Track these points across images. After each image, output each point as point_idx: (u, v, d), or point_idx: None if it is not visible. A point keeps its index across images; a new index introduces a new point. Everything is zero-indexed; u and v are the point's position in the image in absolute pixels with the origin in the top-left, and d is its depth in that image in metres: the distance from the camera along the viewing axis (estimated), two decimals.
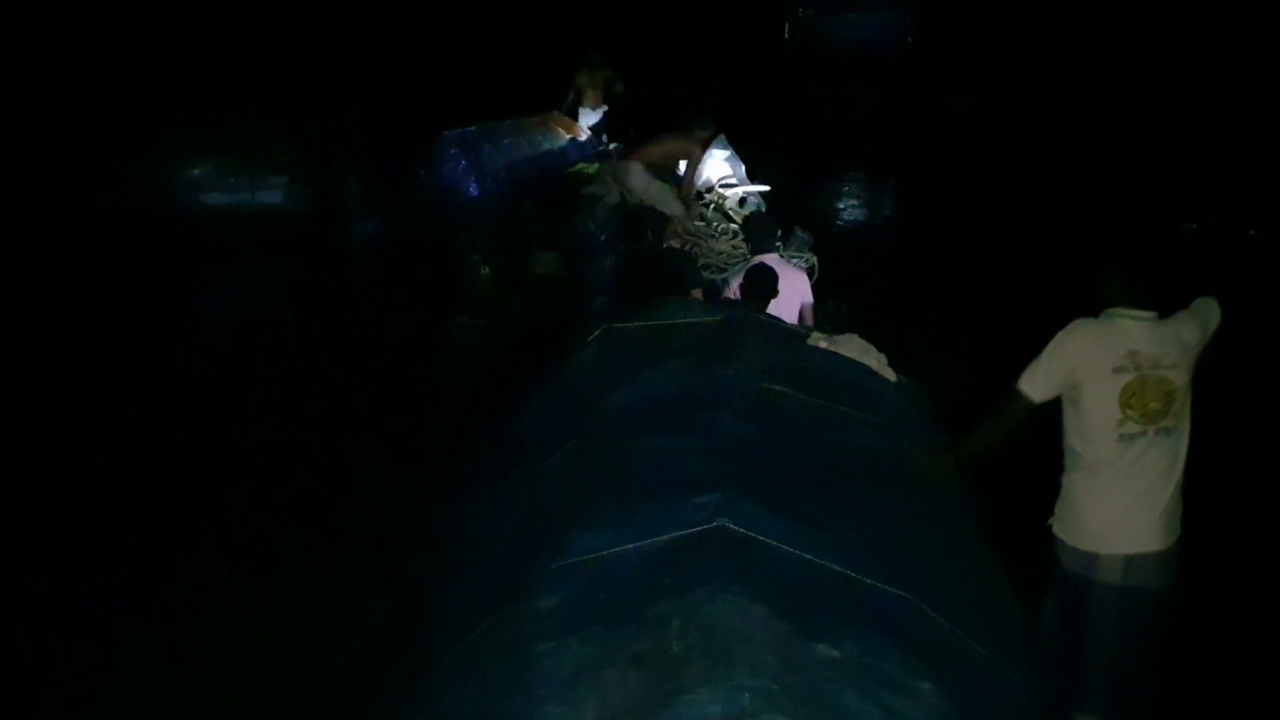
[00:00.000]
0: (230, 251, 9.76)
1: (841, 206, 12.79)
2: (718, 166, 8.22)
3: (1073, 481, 3.64)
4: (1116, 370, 3.50)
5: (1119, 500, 3.53)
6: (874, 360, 4.11)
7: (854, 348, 4.11)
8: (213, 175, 10.66)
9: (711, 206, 7.89)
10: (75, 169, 10.44)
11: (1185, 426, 3.57)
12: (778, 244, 6.52)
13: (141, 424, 6.36)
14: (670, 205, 7.96)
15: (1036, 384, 3.60)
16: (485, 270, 9.27)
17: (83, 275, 8.72)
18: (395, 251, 10.13)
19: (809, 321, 5.49)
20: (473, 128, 10.99)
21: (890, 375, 4.11)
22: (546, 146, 11.43)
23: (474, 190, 10.56)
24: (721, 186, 8.09)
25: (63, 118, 10.83)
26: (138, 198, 10.23)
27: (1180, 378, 3.54)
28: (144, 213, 9.97)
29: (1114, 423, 3.50)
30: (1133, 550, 3.52)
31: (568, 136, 11.70)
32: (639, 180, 8.19)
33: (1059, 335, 3.61)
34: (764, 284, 5.15)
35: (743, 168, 8.45)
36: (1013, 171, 12.08)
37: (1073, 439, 3.62)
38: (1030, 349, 3.66)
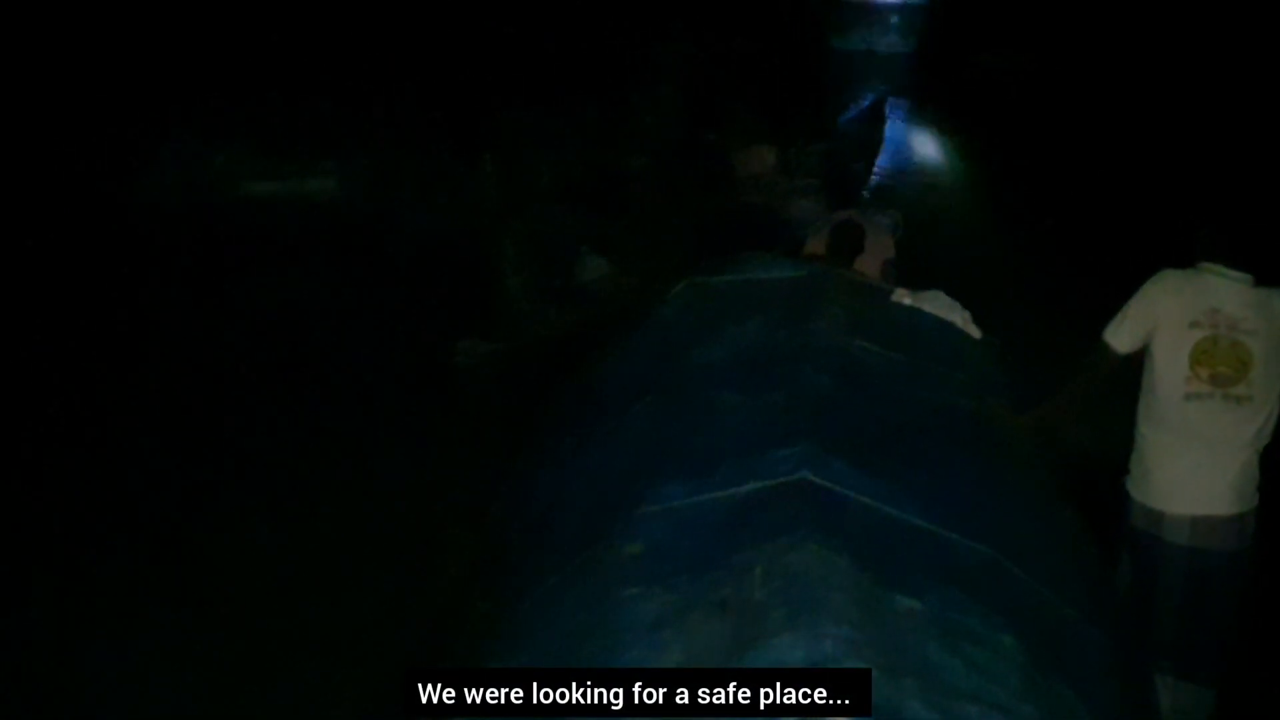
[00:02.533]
0: (270, 248, 8.87)
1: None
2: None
3: (1142, 436, 3.57)
4: (1192, 325, 3.40)
5: (1184, 460, 3.44)
6: (959, 317, 4.08)
7: (939, 304, 4.08)
8: (259, 162, 9.97)
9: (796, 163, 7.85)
10: (109, 164, 9.78)
11: (1266, 401, 3.42)
12: (861, 201, 6.47)
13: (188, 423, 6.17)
14: (757, 163, 7.92)
15: (1121, 334, 3.54)
16: (514, 279, 8.05)
17: (120, 274, 8.16)
18: (434, 251, 8.82)
19: (893, 278, 5.45)
20: None
21: (975, 332, 4.08)
22: None
23: None
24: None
25: (94, 109, 10.13)
26: (177, 190, 9.64)
27: (1260, 346, 3.38)
28: (185, 206, 9.41)
29: (1182, 379, 3.41)
30: (1198, 512, 3.43)
31: None
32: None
33: (1145, 284, 3.54)
34: (849, 240, 5.12)
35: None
36: (1079, 129, 11.39)
37: (1145, 392, 3.55)
38: (1116, 305, 3.60)
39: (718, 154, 9.49)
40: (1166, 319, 3.46)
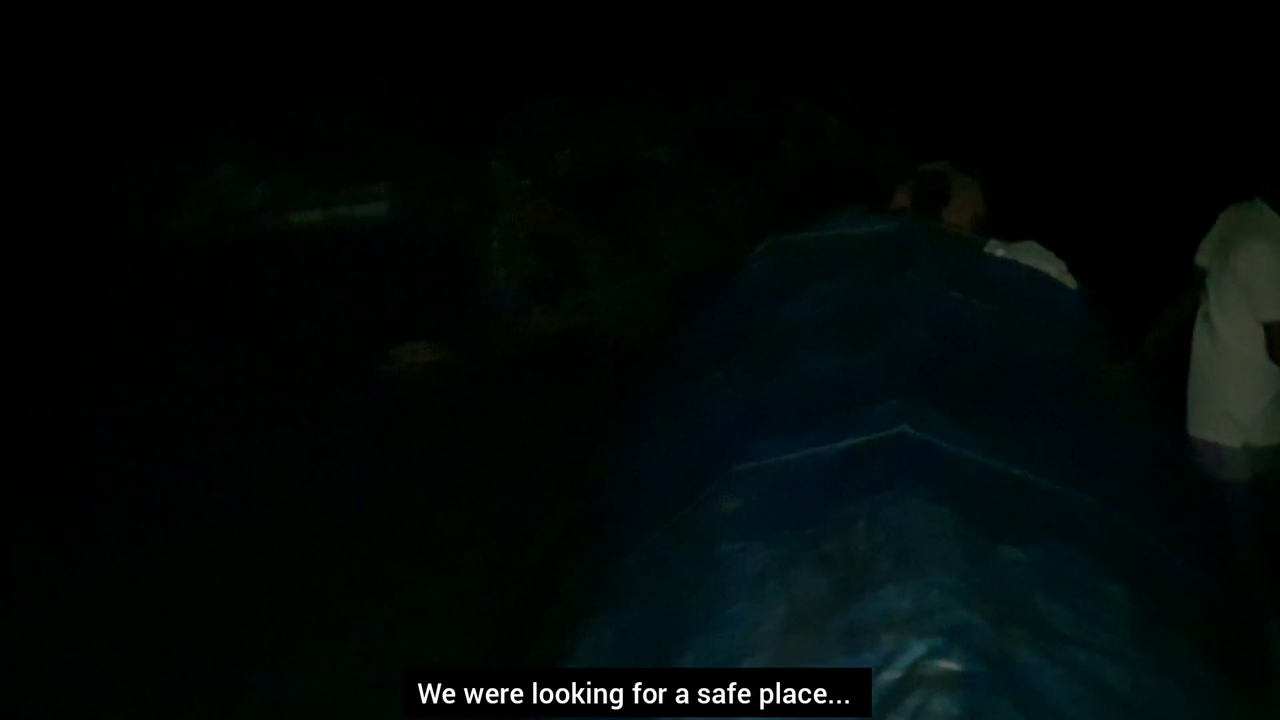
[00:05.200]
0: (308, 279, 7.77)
1: None
2: None
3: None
4: None
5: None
6: (1053, 267, 4.01)
7: (1032, 255, 4.01)
8: (299, 188, 8.79)
9: None
10: (141, 197, 8.86)
11: None
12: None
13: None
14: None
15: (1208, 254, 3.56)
16: (499, 273, 7.29)
17: (147, 316, 7.32)
18: (435, 259, 7.89)
19: (983, 230, 5.35)
20: None
21: (1070, 282, 4.01)
22: None
23: None
24: None
25: (121, 139, 9.14)
26: (215, 223, 8.55)
27: None
28: (223, 239, 8.35)
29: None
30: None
31: None
32: None
33: (1220, 215, 3.66)
34: (934, 191, 5.04)
35: None
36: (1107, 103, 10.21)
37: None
38: None
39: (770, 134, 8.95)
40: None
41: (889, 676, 2.00)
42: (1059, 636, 2.12)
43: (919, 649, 2.03)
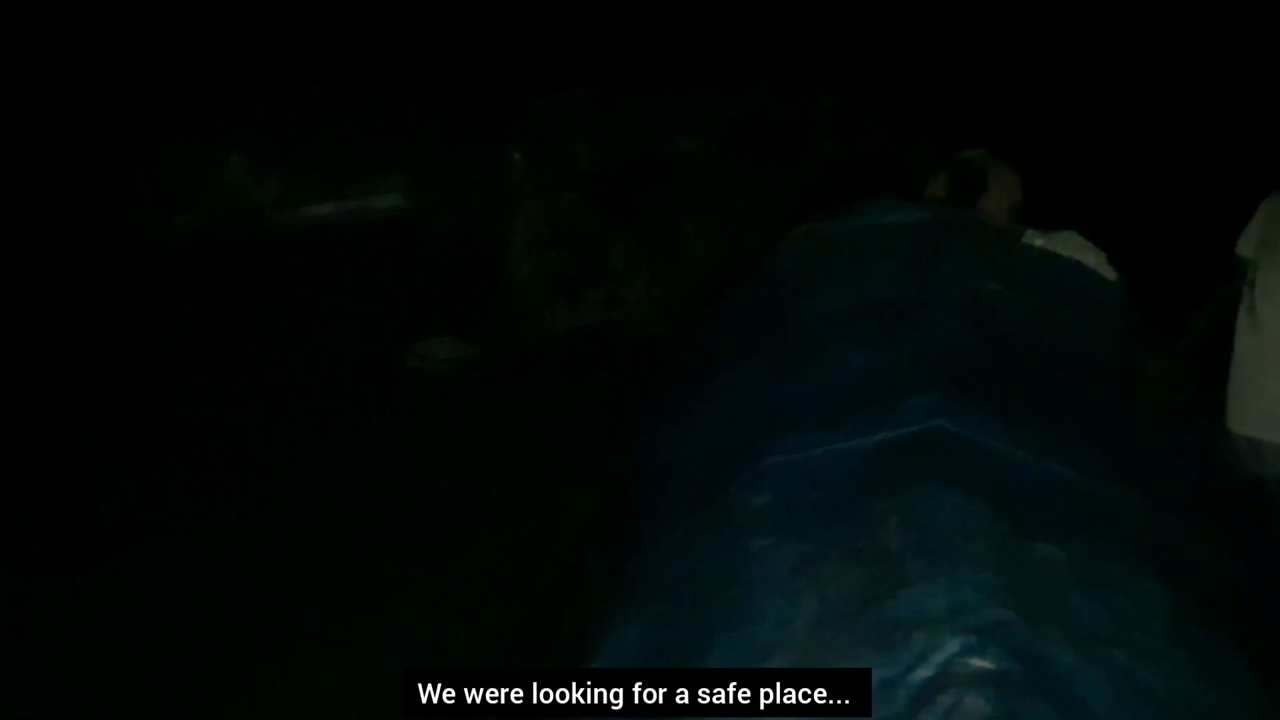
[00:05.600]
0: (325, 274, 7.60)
1: None
2: None
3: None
4: None
5: None
6: (1093, 258, 3.93)
7: (1072, 245, 3.94)
8: (314, 182, 8.57)
9: None
10: (149, 192, 8.62)
11: None
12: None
13: None
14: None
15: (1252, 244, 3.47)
16: (523, 268, 7.17)
17: (163, 312, 7.24)
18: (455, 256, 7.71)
19: (1020, 220, 5.27)
20: None
21: (1110, 274, 3.93)
22: None
23: None
24: None
25: (125, 134, 8.86)
26: (228, 218, 8.35)
27: None
28: (231, 236, 8.16)
29: None
30: None
31: None
32: None
33: (1263, 202, 3.55)
34: (969, 180, 4.96)
35: None
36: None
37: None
38: None
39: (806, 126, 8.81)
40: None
41: (921, 674, 1.97)
42: (1095, 635, 2.08)
43: (952, 647, 1.99)
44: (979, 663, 1.96)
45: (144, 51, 9.20)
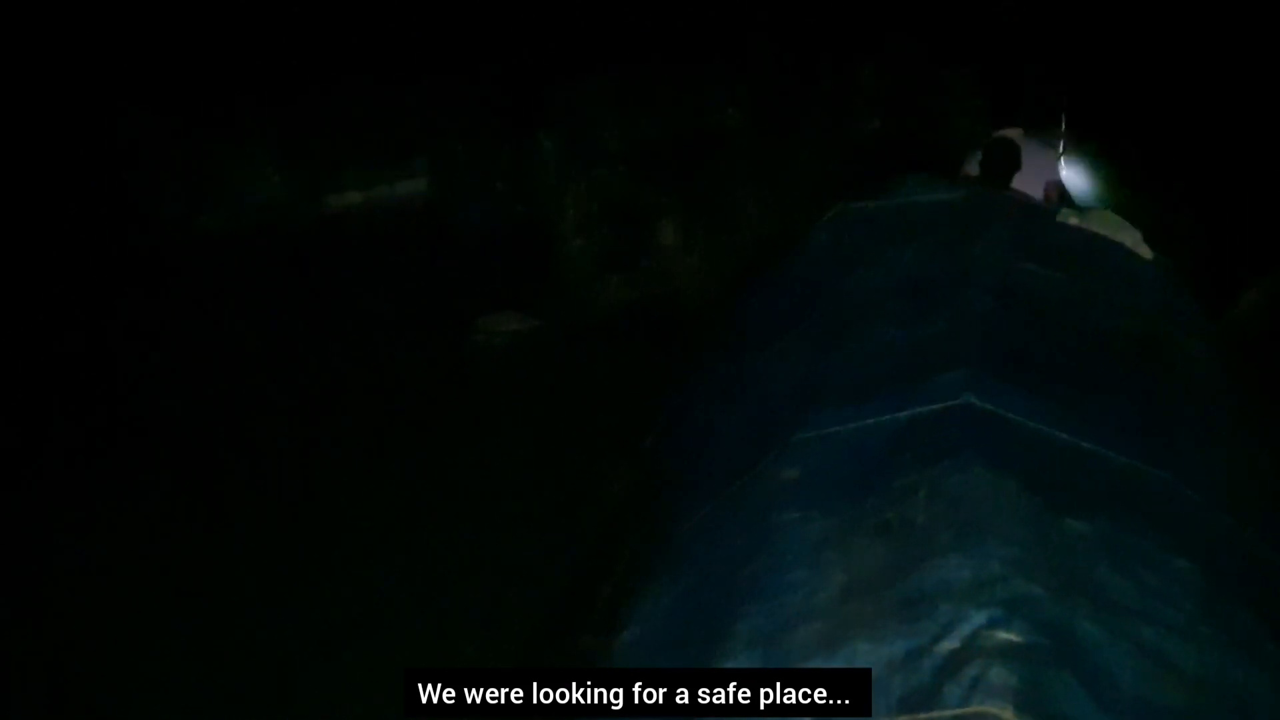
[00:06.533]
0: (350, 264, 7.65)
1: None
2: None
3: None
4: None
5: None
6: (1128, 237, 3.90)
7: (1107, 224, 3.91)
8: (344, 170, 8.52)
9: None
10: (174, 192, 8.48)
11: None
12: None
13: None
14: None
15: None
16: (575, 244, 7.21)
17: (213, 307, 7.17)
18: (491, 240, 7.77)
19: (1057, 199, 5.23)
20: None
21: (1146, 253, 3.90)
22: None
23: None
24: None
25: (146, 133, 8.69)
26: (251, 213, 8.28)
27: None
28: (260, 229, 8.09)
29: None
30: None
31: None
32: None
33: None
34: (1005, 158, 4.93)
35: None
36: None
37: None
38: None
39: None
40: None
41: (947, 646, 1.99)
42: (1123, 610, 2.09)
43: (978, 619, 2.01)
44: (1005, 635, 1.98)
45: (162, 49, 9.07)
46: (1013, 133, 5.37)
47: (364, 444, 5.51)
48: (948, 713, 1.89)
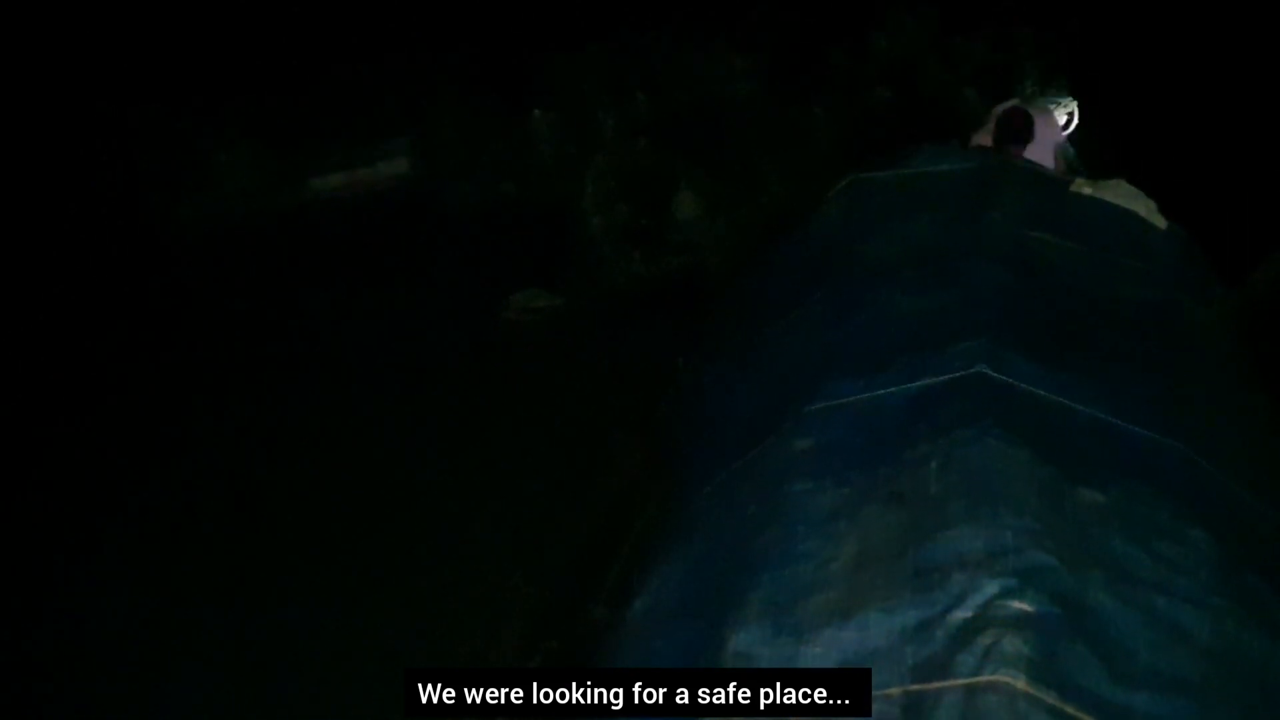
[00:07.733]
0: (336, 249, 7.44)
1: None
2: None
3: None
4: None
5: None
6: (1143, 207, 3.87)
7: (1121, 193, 3.88)
8: (323, 152, 8.34)
9: None
10: (154, 184, 8.32)
11: None
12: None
13: None
14: None
15: None
16: (595, 220, 7.13)
17: (166, 305, 6.99)
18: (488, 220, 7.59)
19: (1074, 168, 5.18)
20: None
21: (1161, 222, 3.87)
22: None
23: None
24: None
25: (123, 123, 8.54)
26: (235, 201, 8.11)
27: None
28: (244, 216, 7.92)
29: None
30: None
31: None
32: None
33: None
34: (1016, 127, 4.89)
35: None
36: None
37: None
38: None
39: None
40: None
41: (959, 615, 2.00)
42: (1137, 580, 2.09)
43: (991, 589, 2.01)
44: (1018, 605, 1.98)
45: (137, 34, 9.00)
46: (1025, 101, 5.33)
47: (397, 425, 5.47)
48: (960, 682, 1.90)
